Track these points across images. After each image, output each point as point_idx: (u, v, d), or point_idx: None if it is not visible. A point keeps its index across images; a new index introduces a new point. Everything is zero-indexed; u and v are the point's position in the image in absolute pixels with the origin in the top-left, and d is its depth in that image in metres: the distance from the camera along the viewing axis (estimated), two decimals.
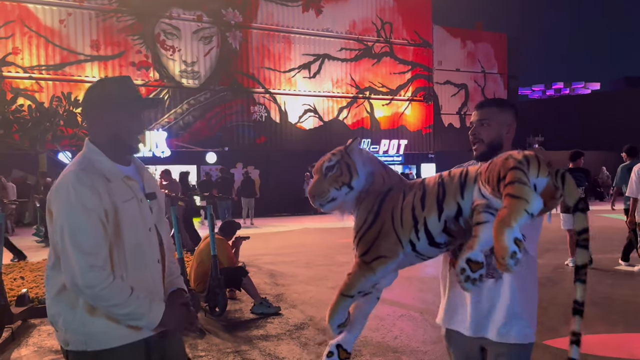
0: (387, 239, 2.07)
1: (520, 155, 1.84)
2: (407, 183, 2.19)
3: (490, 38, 35.34)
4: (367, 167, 2.17)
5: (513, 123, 2.49)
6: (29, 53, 21.97)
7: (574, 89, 67.37)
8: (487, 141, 2.45)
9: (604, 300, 6.83)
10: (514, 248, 1.70)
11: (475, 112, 2.54)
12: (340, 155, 2.21)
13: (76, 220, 1.98)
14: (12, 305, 5.96)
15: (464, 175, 2.03)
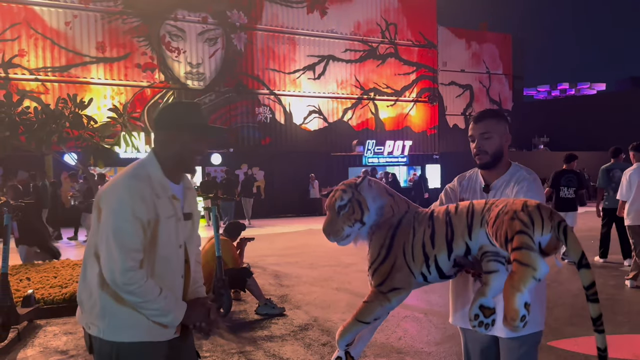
0: (401, 272, 2.26)
1: (526, 216, 1.98)
2: (416, 212, 2.37)
3: (495, 39, 35.28)
4: (377, 202, 2.35)
5: (508, 132, 2.71)
6: (35, 55, 22.06)
7: (580, 89, 67.19)
8: (490, 152, 2.64)
9: (609, 302, 6.82)
10: (524, 312, 1.90)
11: (474, 125, 2.68)
12: (351, 193, 2.35)
13: (124, 223, 2.17)
14: (18, 306, 5.99)
15: (470, 214, 2.18)
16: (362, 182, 2.36)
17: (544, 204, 2.09)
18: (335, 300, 7.23)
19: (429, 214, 2.32)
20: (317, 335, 5.64)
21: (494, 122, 2.66)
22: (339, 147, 26.48)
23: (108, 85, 23.15)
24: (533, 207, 2.03)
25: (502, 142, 2.65)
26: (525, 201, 2.08)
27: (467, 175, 2.88)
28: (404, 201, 2.43)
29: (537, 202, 2.07)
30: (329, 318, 6.26)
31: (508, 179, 2.65)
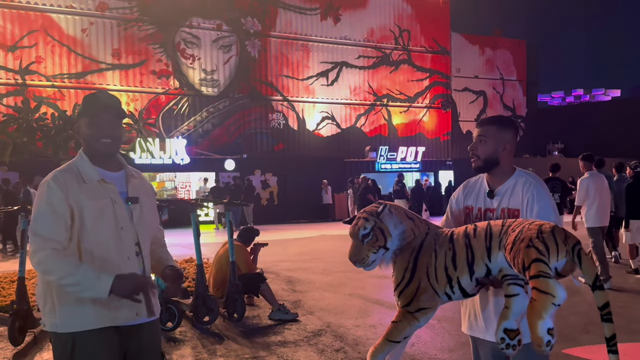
0: (426, 293, 2.37)
1: (541, 243, 2.08)
2: (436, 234, 2.46)
3: (509, 45, 35.14)
4: (398, 228, 2.43)
5: (512, 141, 2.70)
6: (52, 62, 22.34)
7: (594, 95, 66.69)
8: (482, 157, 2.67)
9: (623, 310, 6.76)
10: (548, 338, 2.11)
11: (475, 128, 2.75)
12: (373, 222, 2.43)
13: (39, 210, 2.33)
14: (35, 310, 6.05)
15: (488, 238, 2.30)
16: (384, 211, 2.43)
17: (559, 227, 2.17)
18: (349, 306, 7.23)
19: (449, 236, 2.41)
20: (331, 341, 5.64)
21: (494, 129, 2.68)
22: (352, 153, 26.49)
23: (123, 92, 23.35)
24: (548, 233, 2.11)
25: (497, 150, 2.66)
26: (540, 226, 2.15)
27: (473, 180, 2.90)
28: (423, 223, 2.52)
29: (551, 227, 2.14)
30: (342, 324, 6.26)
31: (513, 184, 2.66)
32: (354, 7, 28.51)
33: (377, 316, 6.63)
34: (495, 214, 2.64)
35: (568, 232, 2.13)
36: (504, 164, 2.69)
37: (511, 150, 2.69)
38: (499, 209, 2.65)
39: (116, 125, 2.50)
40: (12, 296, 6.32)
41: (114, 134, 2.48)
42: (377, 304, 7.36)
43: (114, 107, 2.50)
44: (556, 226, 2.16)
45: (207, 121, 25.15)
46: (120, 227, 2.42)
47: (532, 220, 2.27)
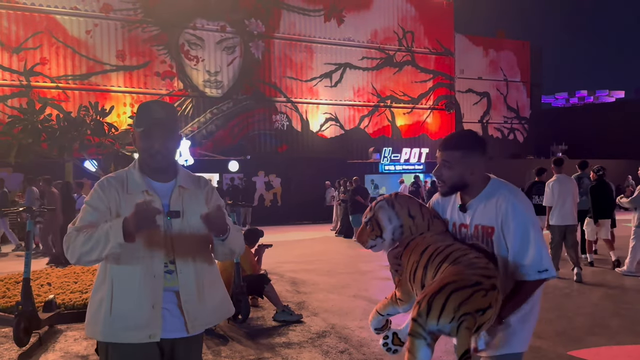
0: (403, 287, 2.56)
1: (426, 304, 2.14)
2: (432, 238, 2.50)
3: (512, 46, 35.13)
4: (393, 222, 2.55)
5: (480, 162, 2.51)
6: (57, 63, 22.41)
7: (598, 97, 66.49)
8: (449, 184, 2.53)
9: (629, 312, 6.74)
10: None
11: (438, 151, 2.56)
12: (372, 213, 2.62)
13: (81, 210, 2.42)
14: (40, 311, 6.06)
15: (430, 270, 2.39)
16: (376, 206, 2.61)
17: (465, 290, 2.14)
18: (353, 307, 7.22)
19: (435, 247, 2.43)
20: (335, 342, 5.64)
21: (459, 155, 2.48)
22: (356, 155, 26.50)
23: (128, 93, 23.42)
24: (442, 294, 2.14)
25: (464, 174, 2.48)
26: (445, 284, 2.17)
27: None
28: (426, 223, 2.55)
29: (452, 289, 2.14)
30: (347, 325, 6.26)
31: (485, 198, 2.47)
32: (357, 8, 28.52)
33: None
34: (469, 231, 2.51)
35: (472, 296, 2.12)
36: (473, 184, 2.51)
37: (481, 169, 2.52)
38: (472, 226, 2.50)
39: (168, 139, 2.42)
40: (18, 297, 6.34)
41: (165, 148, 2.41)
42: None
43: (166, 122, 2.41)
44: (460, 290, 2.14)
45: (210, 122, 25.19)
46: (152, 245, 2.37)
47: (469, 261, 2.27)
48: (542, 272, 2.33)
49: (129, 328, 2.31)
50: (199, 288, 2.44)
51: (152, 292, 2.33)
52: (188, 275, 2.41)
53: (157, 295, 2.34)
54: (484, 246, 2.44)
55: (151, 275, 2.33)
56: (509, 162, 28.88)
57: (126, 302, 2.31)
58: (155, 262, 2.35)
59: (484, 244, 2.44)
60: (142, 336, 2.31)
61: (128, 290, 2.32)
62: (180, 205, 2.44)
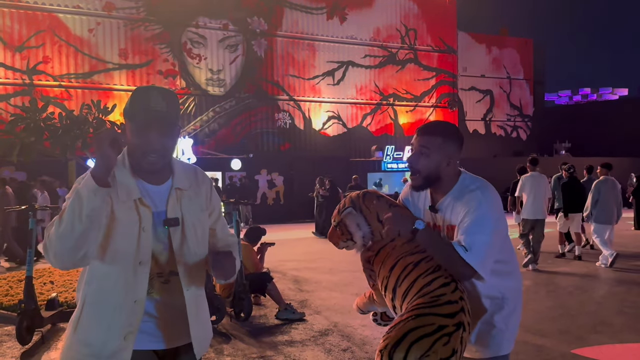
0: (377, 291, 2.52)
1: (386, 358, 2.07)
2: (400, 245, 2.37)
3: (515, 44, 35.03)
4: (362, 228, 2.46)
5: (455, 155, 2.36)
6: (59, 62, 22.44)
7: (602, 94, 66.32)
8: (424, 174, 2.33)
9: (633, 310, 6.72)
10: None
11: (416, 136, 2.38)
12: (340, 218, 2.53)
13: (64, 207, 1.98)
14: (42, 309, 6.07)
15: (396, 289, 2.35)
16: (344, 211, 2.50)
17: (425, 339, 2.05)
18: None
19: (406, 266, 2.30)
20: (338, 340, 5.63)
21: (440, 141, 2.33)
22: (358, 153, 26.48)
23: (130, 92, 23.35)
24: (402, 346, 2.06)
25: (440, 164, 2.31)
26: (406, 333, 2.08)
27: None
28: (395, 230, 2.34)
29: (412, 339, 2.06)
30: (349, 323, 6.25)
31: (455, 196, 2.32)
32: (360, 6, 28.48)
33: None
34: (442, 234, 2.37)
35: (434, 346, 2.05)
36: (446, 177, 2.35)
37: (456, 163, 2.38)
38: (444, 227, 2.36)
39: (166, 136, 1.99)
40: (20, 295, 6.34)
41: (163, 147, 2.00)
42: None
43: (167, 115, 1.98)
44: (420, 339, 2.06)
45: (213, 121, 25.20)
46: (138, 262, 1.98)
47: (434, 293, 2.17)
48: (461, 247, 2.17)
49: (91, 355, 1.98)
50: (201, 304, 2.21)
51: (128, 319, 1.98)
52: (195, 290, 2.14)
53: (134, 323, 1.98)
54: None
55: (132, 300, 1.97)
56: (512, 159, 28.82)
57: (94, 326, 1.98)
58: (139, 284, 1.98)
59: None
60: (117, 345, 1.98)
61: (100, 313, 1.98)
62: (179, 211, 2.07)
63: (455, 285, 2.20)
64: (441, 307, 2.13)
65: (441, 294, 2.17)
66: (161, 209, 2.05)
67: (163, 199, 2.06)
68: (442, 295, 2.16)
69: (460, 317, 2.13)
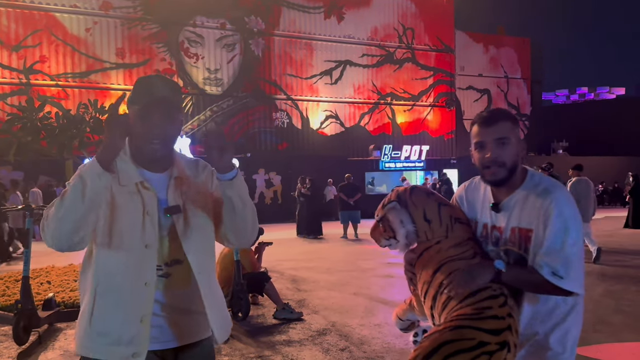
0: (417, 297, 2.32)
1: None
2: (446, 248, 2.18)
3: (513, 43, 35.07)
4: (406, 225, 2.24)
5: (522, 143, 2.15)
6: (56, 61, 22.38)
7: (599, 94, 66.46)
8: (510, 165, 2.07)
9: (631, 308, 6.71)
10: None
11: (484, 128, 2.11)
12: (383, 212, 2.32)
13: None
14: (39, 309, 6.04)
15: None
16: (388, 205, 2.30)
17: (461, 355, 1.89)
18: (353, 305, 7.20)
19: (450, 272, 2.12)
20: (335, 340, 5.62)
21: (511, 126, 2.10)
22: (356, 152, 26.47)
23: (127, 91, 23.37)
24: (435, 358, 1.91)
25: (519, 151, 2.10)
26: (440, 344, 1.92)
27: (475, 183, 2.33)
28: (444, 228, 2.20)
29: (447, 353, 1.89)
30: (347, 323, 6.23)
31: (524, 195, 2.09)
32: (357, 5, 28.48)
33: (382, 315, 6.59)
34: (504, 236, 2.12)
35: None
36: (518, 171, 2.11)
37: (524, 153, 2.16)
38: (507, 229, 2.11)
39: (170, 122, 2.00)
40: (17, 295, 6.31)
41: (166, 134, 2.01)
42: (382, 303, 7.33)
43: (170, 101, 2.00)
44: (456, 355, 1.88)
45: (210, 120, 25.17)
46: (144, 245, 1.98)
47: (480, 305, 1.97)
48: (555, 276, 1.94)
49: (111, 343, 1.97)
50: (216, 291, 2.18)
51: (141, 302, 1.97)
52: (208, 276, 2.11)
53: (147, 306, 1.98)
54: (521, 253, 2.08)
55: (142, 282, 1.97)
56: None
57: (109, 315, 1.97)
58: (147, 266, 1.99)
59: (521, 250, 2.06)
60: (125, 353, 1.96)
61: (113, 301, 1.97)
62: (180, 199, 2.06)
63: (504, 300, 1.99)
64: (485, 321, 1.93)
65: (487, 307, 1.96)
66: (162, 197, 2.05)
67: (163, 187, 2.06)
68: (488, 309, 1.96)
69: (506, 335, 1.91)
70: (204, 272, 2.09)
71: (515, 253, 2.09)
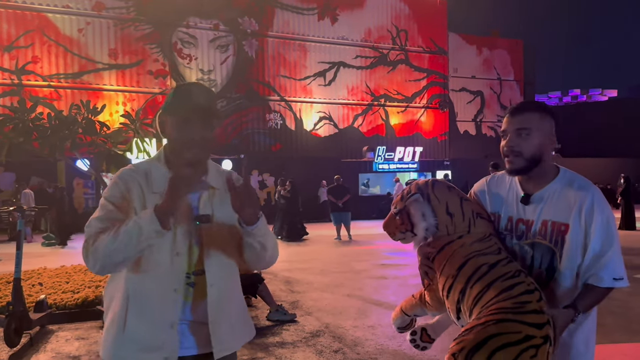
0: (432, 293, 2.30)
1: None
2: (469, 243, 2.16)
3: (506, 45, 35.18)
4: (428, 219, 2.20)
5: (553, 132, 2.16)
6: (48, 62, 22.28)
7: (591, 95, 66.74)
8: (527, 155, 2.09)
9: (623, 310, 6.74)
10: None
11: (509, 118, 2.15)
12: (403, 204, 2.28)
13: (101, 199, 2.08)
14: (31, 311, 6.00)
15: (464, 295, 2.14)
16: (411, 197, 2.25)
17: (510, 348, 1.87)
18: (347, 306, 7.20)
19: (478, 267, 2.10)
20: (329, 341, 5.61)
21: (537, 117, 2.11)
22: (350, 153, 26.48)
23: (120, 92, 23.33)
24: (483, 352, 1.88)
25: (543, 143, 2.10)
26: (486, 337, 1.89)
27: (499, 176, 2.33)
28: (467, 223, 2.18)
29: (495, 346, 1.86)
30: (341, 325, 6.23)
31: (558, 188, 2.11)
32: (351, 7, 28.50)
33: (376, 317, 6.59)
34: (533, 228, 2.12)
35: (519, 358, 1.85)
36: (545, 163, 2.13)
37: (554, 146, 2.18)
38: (538, 222, 2.11)
39: (208, 128, 2.09)
40: (8, 297, 6.27)
41: (203, 138, 2.07)
42: (376, 305, 7.33)
43: (208, 109, 2.09)
44: (504, 348, 1.86)
45: None
46: (176, 253, 2.03)
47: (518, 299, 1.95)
48: (617, 280, 2.04)
49: (142, 350, 2.00)
50: (225, 305, 2.16)
51: (171, 309, 2.02)
52: (218, 289, 2.11)
53: (177, 312, 2.03)
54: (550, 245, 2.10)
55: (171, 289, 2.02)
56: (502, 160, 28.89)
57: (142, 320, 2.00)
58: (177, 273, 2.03)
59: (552, 243, 2.08)
60: (156, 359, 2.02)
61: (145, 307, 2.01)
62: (210, 208, 2.11)
63: (539, 295, 1.98)
64: (527, 315, 1.91)
65: (526, 301, 1.95)
66: (193, 205, 2.09)
67: (195, 195, 2.10)
68: (527, 303, 1.94)
69: (547, 329, 1.90)
70: (216, 285, 2.10)
71: (544, 246, 2.10)
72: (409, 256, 11.16)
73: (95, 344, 5.61)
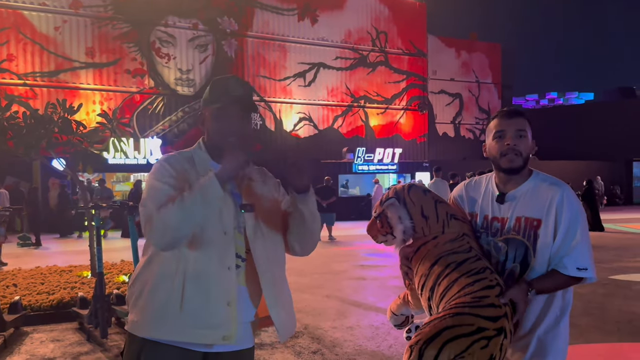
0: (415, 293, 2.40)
1: (415, 354, 2.00)
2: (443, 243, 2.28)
3: (484, 48, 35.51)
4: (404, 222, 2.34)
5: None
6: (24, 60, 21.92)
7: (568, 98, 67.80)
8: (525, 155, 2.30)
9: (598, 310, 6.84)
10: None
11: (507, 120, 2.33)
12: (381, 209, 2.42)
13: (154, 181, 2.07)
14: (5, 312, 5.91)
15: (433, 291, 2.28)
16: (387, 201, 2.41)
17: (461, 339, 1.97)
18: (326, 307, 7.19)
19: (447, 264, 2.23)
20: (307, 343, 5.60)
21: (527, 122, 2.36)
22: (329, 155, 26.48)
23: (97, 91, 23.05)
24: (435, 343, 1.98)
25: (532, 145, 2.36)
26: (440, 330, 2.00)
27: (475, 181, 2.51)
28: (440, 224, 2.31)
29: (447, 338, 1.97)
30: (319, 326, 6.22)
31: (531, 187, 2.29)
32: (331, 8, 28.53)
33: (355, 318, 6.60)
34: (507, 225, 2.27)
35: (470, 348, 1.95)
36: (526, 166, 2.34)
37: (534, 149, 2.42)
38: (512, 218, 2.26)
39: (245, 121, 2.20)
40: None
41: (242, 131, 2.17)
42: (355, 306, 7.34)
43: (245, 100, 2.19)
44: (456, 339, 1.96)
45: (182, 121, 24.93)
46: (223, 232, 2.07)
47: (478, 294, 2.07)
48: (581, 270, 2.15)
49: (202, 327, 2.01)
50: (275, 288, 2.25)
51: (226, 286, 2.04)
52: (268, 276, 2.18)
53: (232, 291, 2.05)
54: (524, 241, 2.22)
55: (225, 267, 2.05)
56: (480, 162, 29.18)
57: (199, 298, 2.00)
58: (228, 252, 2.07)
59: (525, 237, 2.22)
60: (215, 337, 2.02)
61: (201, 284, 2.01)
62: (252, 198, 2.20)
63: (500, 290, 2.10)
64: (483, 309, 2.03)
65: (484, 296, 2.07)
66: (234, 193, 2.15)
67: (236, 185, 2.16)
68: (485, 297, 2.06)
69: (502, 322, 2.01)
70: (269, 271, 2.18)
71: (518, 241, 2.24)
72: (388, 257, 11.20)
73: (70, 346, 5.53)
